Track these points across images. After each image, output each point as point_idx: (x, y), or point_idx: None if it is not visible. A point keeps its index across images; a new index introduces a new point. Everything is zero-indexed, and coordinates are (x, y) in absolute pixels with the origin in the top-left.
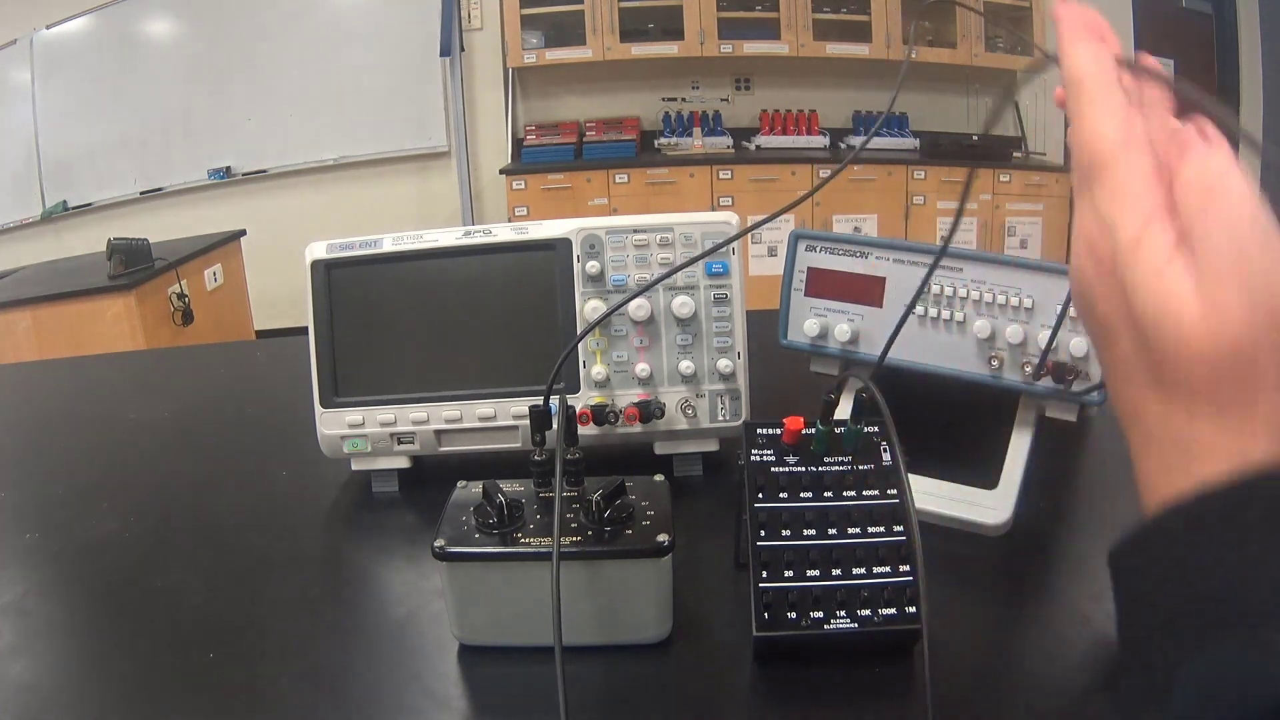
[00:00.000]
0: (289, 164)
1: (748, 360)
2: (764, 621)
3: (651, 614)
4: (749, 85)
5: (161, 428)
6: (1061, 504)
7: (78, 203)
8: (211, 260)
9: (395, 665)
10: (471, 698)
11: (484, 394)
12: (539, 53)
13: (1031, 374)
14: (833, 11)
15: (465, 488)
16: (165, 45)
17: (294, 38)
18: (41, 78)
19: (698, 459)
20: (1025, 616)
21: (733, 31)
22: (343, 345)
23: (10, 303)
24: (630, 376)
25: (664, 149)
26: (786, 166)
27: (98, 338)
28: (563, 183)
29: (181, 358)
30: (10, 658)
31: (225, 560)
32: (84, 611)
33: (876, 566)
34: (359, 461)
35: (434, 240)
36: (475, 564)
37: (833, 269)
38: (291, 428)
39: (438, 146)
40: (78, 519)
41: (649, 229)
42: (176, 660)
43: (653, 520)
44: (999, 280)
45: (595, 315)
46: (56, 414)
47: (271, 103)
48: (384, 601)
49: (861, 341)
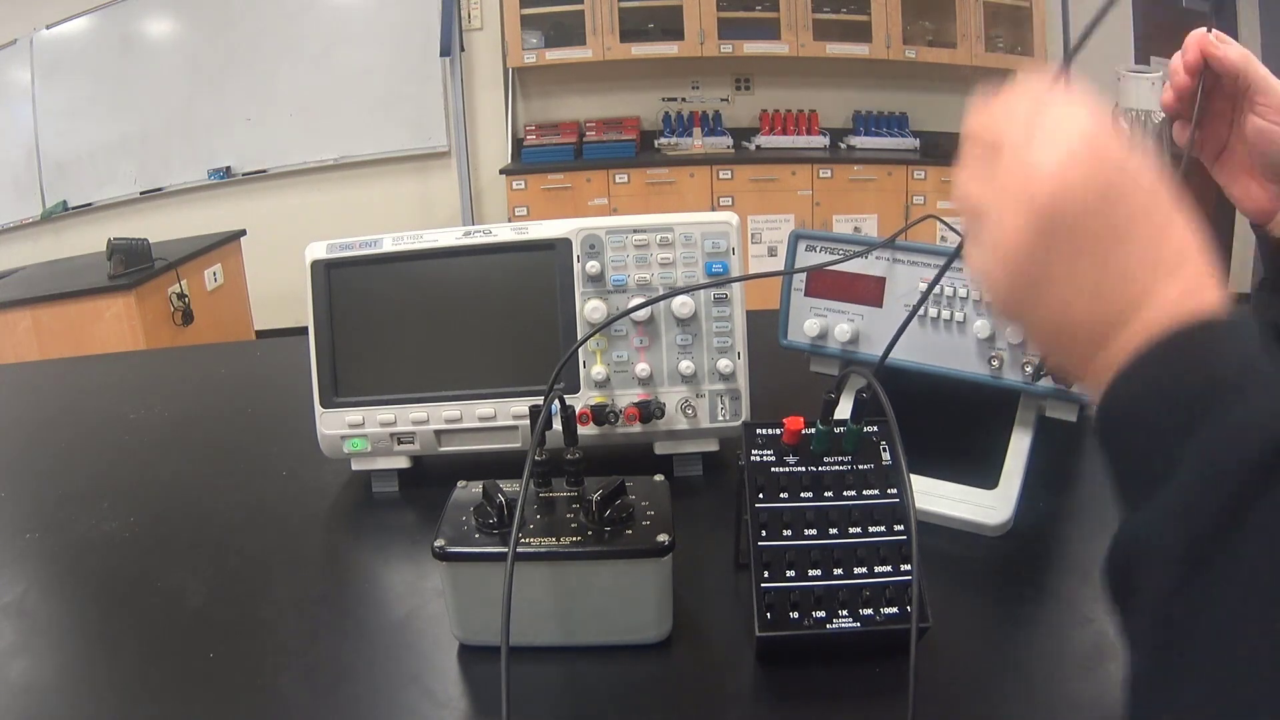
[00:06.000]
0: (289, 164)
1: (748, 360)
2: (766, 621)
3: (651, 614)
4: (749, 85)
5: (161, 428)
6: (1061, 504)
7: (78, 203)
8: (211, 260)
9: (395, 665)
10: (471, 698)
11: (484, 394)
12: (539, 53)
13: (1031, 374)
14: (833, 11)
15: (465, 488)
16: (165, 45)
17: (294, 38)
18: (41, 78)
19: (698, 459)
20: (1025, 616)
21: (733, 31)
22: (343, 345)
23: (10, 303)
24: (630, 376)
25: (664, 149)
26: (786, 166)
27: (98, 338)
28: (563, 183)
29: (181, 358)
30: (10, 658)
31: (225, 560)
32: (84, 611)
33: (878, 566)
34: (359, 461)
35: (434, 240)
36: (475, 564)
37: (833, 269)
38: (291, 428)
39: (438, 146)
40: (78, 519)
41: (649, 229)
42: (176, 660)
43: (653, 520)
44: None
45: (595, 315)
46: (56, 414)
47: (271, 103)
48: (384, 601)
49: (861, 341)
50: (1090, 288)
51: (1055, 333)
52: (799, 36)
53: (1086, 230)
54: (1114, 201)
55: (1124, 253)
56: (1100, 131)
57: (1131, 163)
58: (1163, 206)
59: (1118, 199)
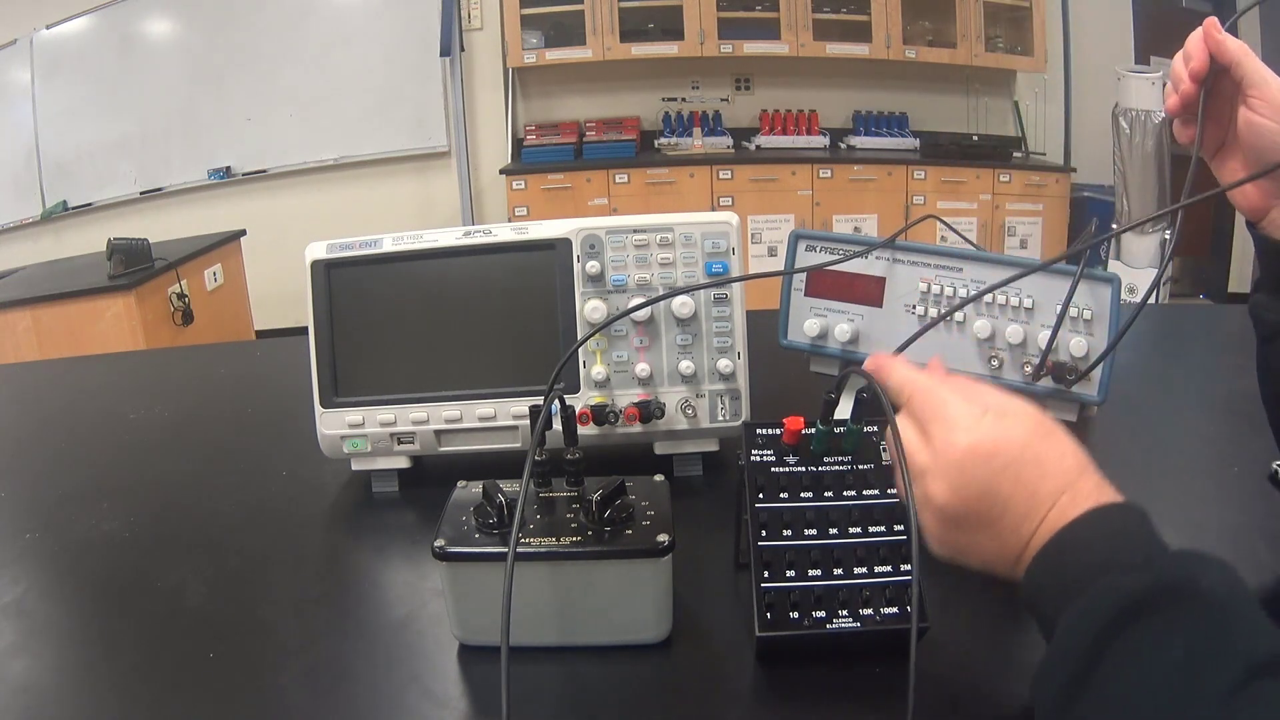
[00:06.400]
0: (289, 164)
1: (748, 360)
2: (767, 621)
3: (651, 614)
4: (749, 85)
5: (161, 428)
6: None
7: (78, 203)
8: (211, 260)
9: (395, 665)
10: (471, 698)
11: (484, 394)
12: (539, 53)
13: (1031, 374)
14: (833, 11)
15: (465, 488)
16: (165, 45)
17: (294, 38)
18: (41, 78)
19: (698, 459)
20: (1025, 616)
21: (733, 31)
22: (343, 345)
23: (10, 303)
24: (630, 376)
25: (664, 149)
26: (786, 166)
27: (98, 338)
28: (563, 183)
29: (181, 358)
30: (10, 658)
31: (225, 560)
32: (84, 611)
33: (878, 566)
34: (359, 461)
35: (434, 240)
36: (475, 564)
37: (833, 269)
38: (291, 428)
39: (438, 146)
40: (78, 519)
41: (649, 229)
42: (176, 660)
43: (653, 520)
44: (999, 280)
45: (595, 315)
46: (56, 414)
47: (271, 103)
48: (384, 601)
49: (861, 341)
50: (994, 546)
51: (981, 566)
52: (799, 36)
53: (976, 516)
54: (992, 491)
55: (1010, 516)
56: (981, 438)
57: (1003, 449)
58: (1034, 464)
59: (995, 487)
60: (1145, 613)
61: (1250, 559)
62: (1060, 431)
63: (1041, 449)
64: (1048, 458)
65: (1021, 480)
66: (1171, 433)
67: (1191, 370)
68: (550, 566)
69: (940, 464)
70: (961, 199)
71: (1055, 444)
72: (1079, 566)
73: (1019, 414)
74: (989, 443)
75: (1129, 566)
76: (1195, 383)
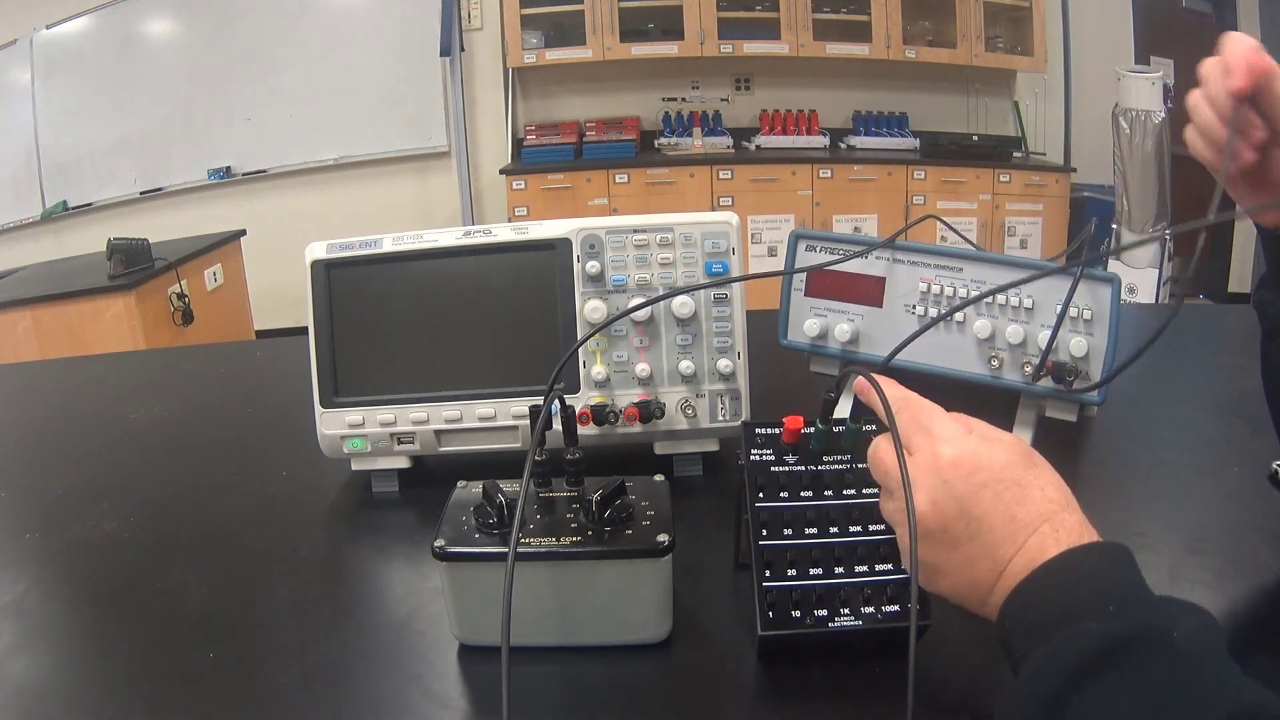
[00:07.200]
0: (289, 164)
1: (748, 360)
2: (769, 620)
3: (651, 614)
4: (749, 85)
5: (161, 428)
6: None
7: (78, 203)
8: (211, 260)
9: (395, 665)
10: (471, 698)
11: (484, 394)
12: (539, 53)
13: (1031, 374)
14: (833, 11)
15: (465, 488)
16: (165, 45)
17: (294, 38)
18: (41, 78)
19: (698, 459)
20: None
21: (733, 31)
22: (343, 345)
23: (10, 303)
24: (630, 376)
25: (664, 149)
26: (786, 166)
27: (98, 338)
28: (563, 183)
29: (181, 358)
30: (10, 658)
31: (225, 560)
32: (84, 611)
33: (879, 564)
34: (359, 461)
35: (434, 240)
36: (475, 564)
37: (833, 269)
38: (291, 428)
39: (438, 146)
40: (78, 519)
41: (649, 229)
42: (176, 660)
43: (653, 520)
44: (999, 280)
45: (595, 315)
46: (56, 414)
47: (271, 103)
48: (384, 601)
49: (861, 341)
50: (966, 569)
51: (951, 593)
52: (799, 36)
53: (953, 534)
54: (971, 508)
55: (986, 537)
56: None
57: (985, 466)
58: (1015, 486)
59: (974, 504)
60: (1110, 664)
61: (1250, 559)
62: (1046, 465)
63: (1024, 475)
64: (1030, 484)
65: (1001, 499)
66: (1171, 433)
67: (1191, 370)
68: (550, 566)
69: (921, 475)
70: (961, 199)
71: (1039, 474)
72: (1054, 607)
73: (1005, 441)
74: (972, 457)
75: (1102, 613)
76: (1195, 383)
